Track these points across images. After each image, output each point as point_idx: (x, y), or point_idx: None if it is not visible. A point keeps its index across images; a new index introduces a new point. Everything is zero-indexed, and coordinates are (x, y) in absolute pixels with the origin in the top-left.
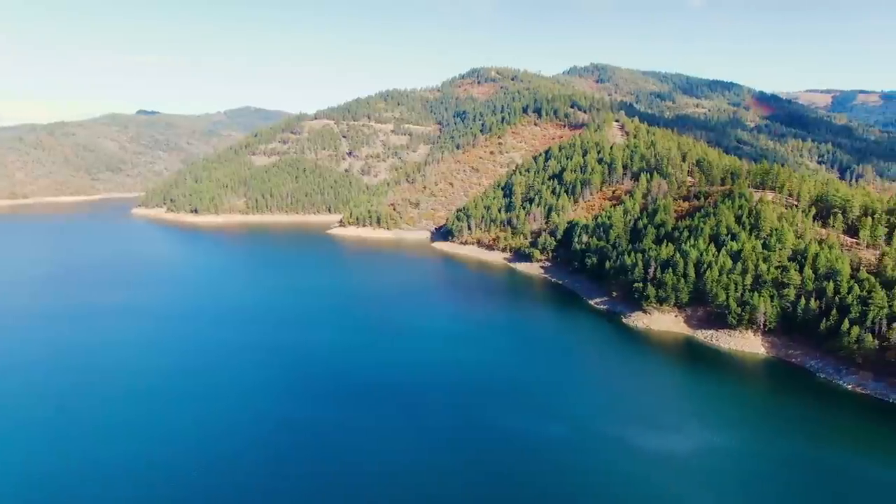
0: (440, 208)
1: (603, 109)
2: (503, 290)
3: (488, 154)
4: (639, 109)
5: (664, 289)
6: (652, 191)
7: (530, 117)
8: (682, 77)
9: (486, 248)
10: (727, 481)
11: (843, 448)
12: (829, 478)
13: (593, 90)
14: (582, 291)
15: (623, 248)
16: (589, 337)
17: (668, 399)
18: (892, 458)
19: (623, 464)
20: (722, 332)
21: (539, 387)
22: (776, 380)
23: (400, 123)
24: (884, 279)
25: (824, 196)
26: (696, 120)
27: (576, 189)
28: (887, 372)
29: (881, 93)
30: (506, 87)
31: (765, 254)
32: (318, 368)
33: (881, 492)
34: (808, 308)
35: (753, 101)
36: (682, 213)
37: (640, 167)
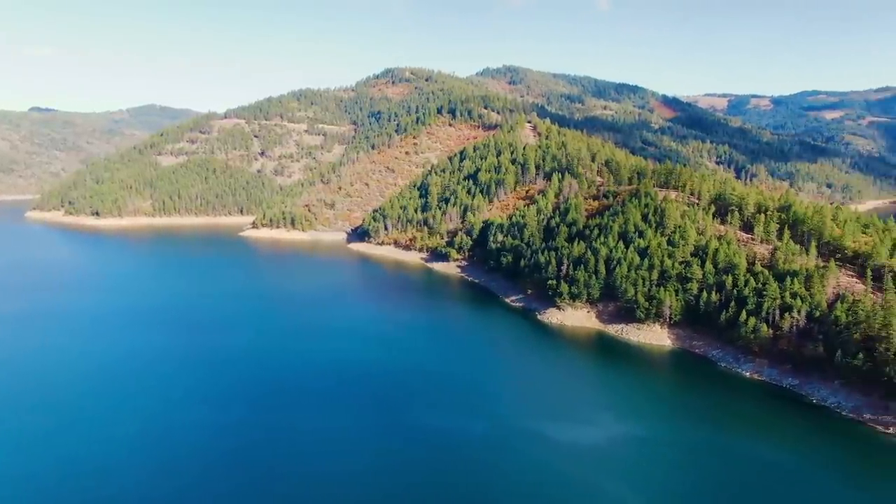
0: (356, 209)
1: (516, 111)
2: (421, 290)
3: (404, 154)
4: (550, 111)
5: (576, 285)
6: (564, 190)
7: (445, 118)
8: (590, 80)
9: (403, 249)
10: (640, 470)
11: (743, 433)
12: (731, 462)
13: (506, 91)
14: (498, 290)
15: (537, 247)
16: (506, 334)
17: (583, 392)
18: (784, 440)
19: (541, 458)
20: (631, 325)
21: (459, 385)
22: (682, 370)
23: (314, 123)
24: (776, 272)
25: (722, 195)
26: (605, 121)
27: (490, 189)
28: (780, 359)
29: (771, 97)
30: (420, 88)
31: (669, 250)
32: (237, 374)
33: (775, 472)
34: (709, 301)
35: (658, 104)
36: (592, 211)
37: (551, 167)
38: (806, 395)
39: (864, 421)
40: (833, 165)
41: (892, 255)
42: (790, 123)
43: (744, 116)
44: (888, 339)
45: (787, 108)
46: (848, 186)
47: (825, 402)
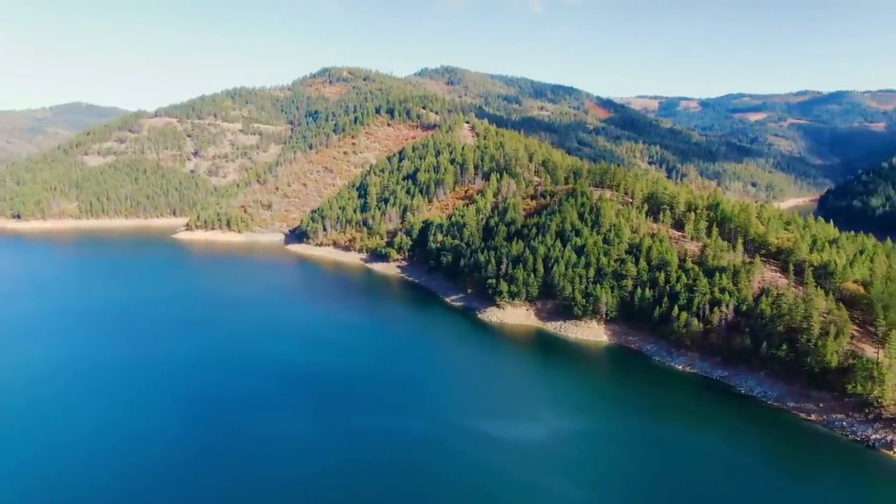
0: (294, 210)
1: (454, 111)
2: (361, 290)
3: (342, 154)
4: (488, 111)
5: (516, 284)
6: (502, 190)
7: (383, 118)
8: (527, 81)
9: (343, 250)
10: (580, 465)
11: (677, 424)
12: (666, 452)
13: (444, 92)
14: (438, 289)
15: (476, 246)
16: (446, 333)
17: (523, 389)
18: (715, 430)
19: (482, 456)
20: (569, 322)
21: (400, 385)
22: (618, 365)
23: (249, 122)
24: (706, 268)
25: (655, 194)
26: (542, 122)
27: (430, 189)
28: (710, 352)
29: (699, 100)
30: (358, 88)
31: (605, 248)
32: (176, 381)
33: (707, 461)
34: (643, 297)
35: (593, 105)
36: (530, 211)
37: (490, 167)
38: (734, 385)
39: (788, 409)
40: (757, 165)
41: (811, 251)
42: (717, 125)
43: (674, 118)
44: (809, 331)
45: (714, 110)
46: (771, 185)
47: (752, 392)
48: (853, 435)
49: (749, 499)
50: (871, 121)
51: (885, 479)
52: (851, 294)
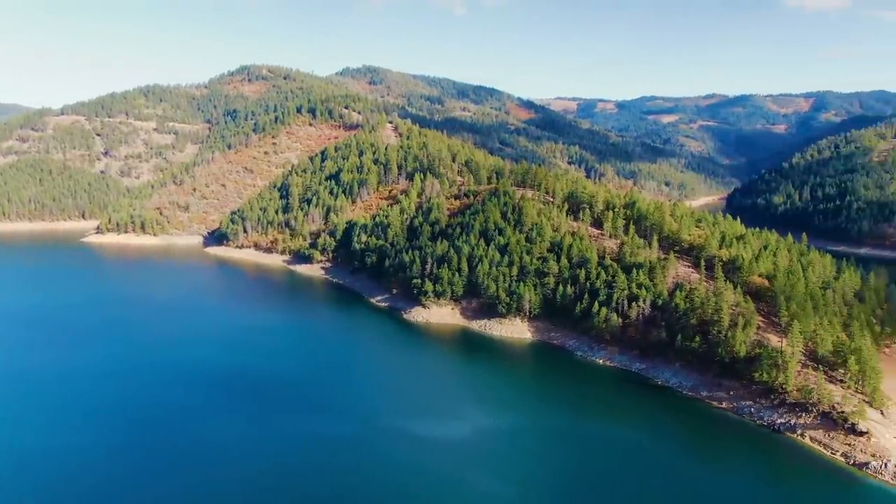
0: (213, 211)
1: (377, 111)
2: (284, 293)
3: (262, 154)
4: (411, 112)
5: (441, 283)
6: (426, 190)
7: (305, 117)
8: (450, 81)
9: (265, 252)
10: (506, 460)
11: (599, 417)
12: (589, 445)
13: (366, 92)
14: (363, 290)
15: (401, 247)
16: (372, 334)
17: (449, 388)
18: (635, 421)
19: (410, 456)
20: (494, 320)
21: (327, 387)
22: (542, 361)
23: (164, 121)
24: (624, 264)
25: (575, 193)
26: (464, 122)
27: (353, 189)
28: (629, 346)
29: (616, 102)
30: (278, 87)
31: (528, 246)
32: (98, 393)
33: (628, 452)
34: (565, 294)
35: (514, 106)
36: (454, 210)
37: (413, 167)
38: (652, 377)
39: (702, 398)
40: (670, 165)
41: (721, 247)
42: (632, 126)
43: (592, 119)
44: (719, 323)
45: (629, 112)
46: (683, 184)
47: (668, 383)
48: (760, 420)
49: (666, 486)
50: (773, 123)
51: (789, 461)
52: (757, 287)
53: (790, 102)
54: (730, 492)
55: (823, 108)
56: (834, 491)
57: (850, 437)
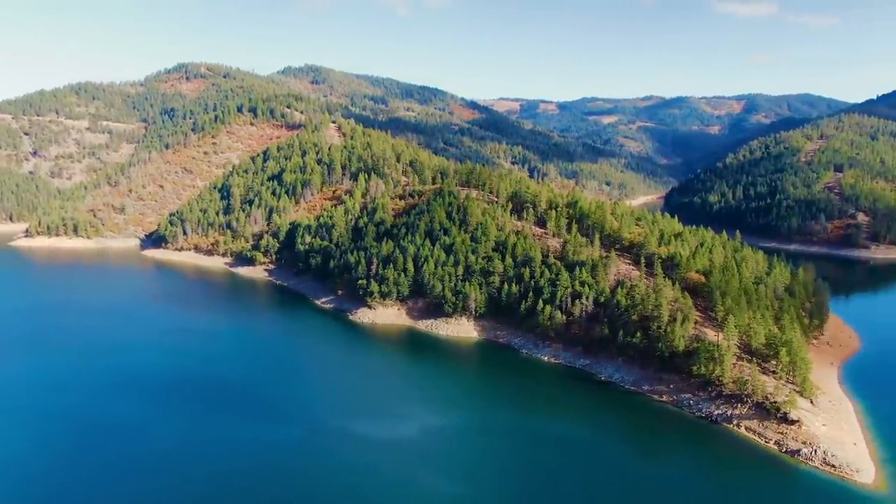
0: (150, 213)
1: (320, 111)
2: (227, 296)
3: (202, 154)
4: (354, 111)
5: (386, 284)
6: (370, 190)
7: (246, 116)
8: (394, 82)
9: (205, 254)
10: (453, 459)
11: (545, 413)
12: (536, 441)
13: (309, 91)
14: (308, 292)
15: (346, 247)
16: (317, 336)
17: (397, 388)
18: (580, 417)
19: (358, 458)
20: (440, 320)
21: (272, 391)
22: (488, 359)
23: (97, 120)
24: (567, 263)
25: (518, 192)
26: (409, 123)
27: (296, 190)
28: (573, 342)
29: (557, 103)
30: (218, 85)
31: (473, 246)
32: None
33: (573, 447)
34: (510, 292)
35: (458, 106)
36: (399, 211)
37: (358, 167)
38: (595, 373)
39: (643, 392)
40: (611, 165)
41: (660, 244)
42: (574, 127)
43: (534, 120)
44: (659, 319)
45: (570, 113)
46: (623, 184)
47: (611, 378)
48: (699, 412)
49: (609, 480)
50: (708, 124)
51: (726, 451)
52: (694, 283)
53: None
54: (670, 483)
55: (754, 111)
56: (768, 478)
57: (782, 425)
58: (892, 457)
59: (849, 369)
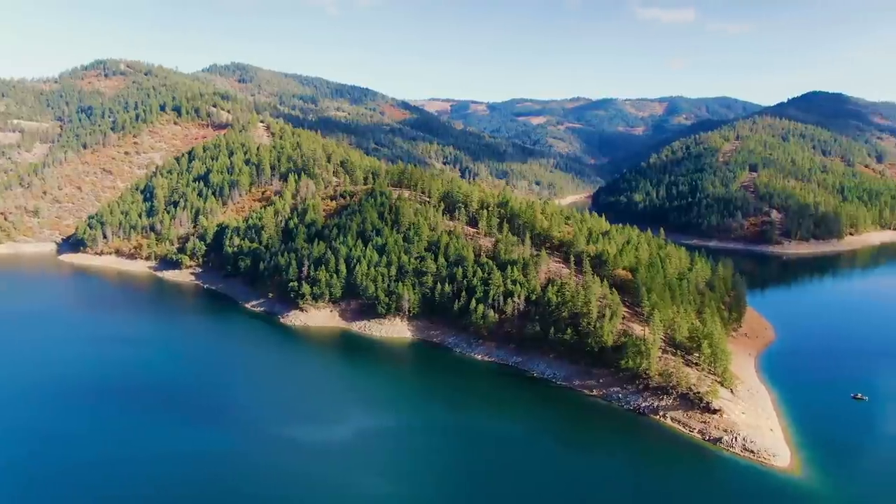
0: (67, 216)
1: (247, 110)
2: (152, 301)
3: (123, 154)
4: (283, 111)
5: (318, 286)
6: (301, 191)
7: (169, 115)
8: (324, 81)
9: (128, 258)
10: (391, 460)
11: (479, 411)
12: (471, 439)
13: (236, 90)
14: (237, 295)
15: (276, 249)
16: (248, 341)
17: (331, 392)
18: (513, 413)
19: (292, 464)
20: (374, 321)
21: (201, 399)
22: (423, 359)
23: (6, 118)
24: (499, 262)
25: (450, 193)
26: (339, 123)
27: (224, 191)
28: (506, 340)
29: (488, 104)
30: (139, 83)
31: (406, 246)
32: None
33: (508, 443)
34: (443, 292)
35: (389, 107)
36: (330, 212)
37: (287, 168)
38: (528, 370)
39: (574, 387)
40: (540, 165)
41: (588, 243)
42: (504, 127)
43: (465, 120)
44: (588, 315)
45: (500, 114)
46: (553, 184)
47: (544, 375)
48: (627, 404)
49: (543, 475)
50: (632, 126)
51: (653, 441)
52: (622, 279)
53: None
54: (601, 475)
55: (676, 112)
56: (692, 466)
57: (705, 415)
58: (805, 441)
59: (765, 359)
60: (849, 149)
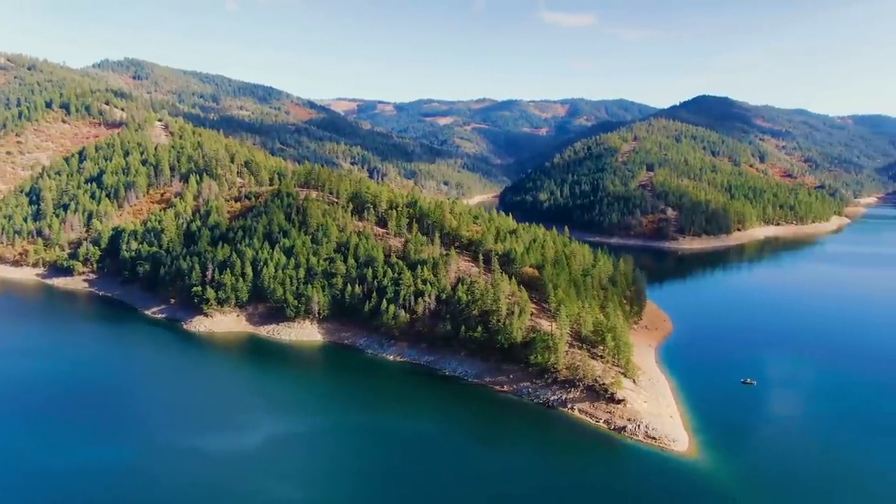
0: None
1: (143, 108)
2: (42, 311)
3: (5, 154)
4: (183, 109)
5: (224, 290)
6: (203, 193)
7: (57, 113)
8: (225, 79)
9: (12, 265)
10: (303, 465)
11: (393, 411)
12: (385, 440)
13: (130, 87)
14: (137, 302)
15: (178, 253)
16: (149, 349)
17: (239, 398)
18: (427, 412)
19: (198, 474)
20: (283, 325)
21: (99, 411)
22: (334, 361)
23: None
24: (409, 262)
25: (359, 193)
26: (243, 122)
27: (119, 193)
28: (418, 340)
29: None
30: (21, 78)
31: (314, 248)
32: None
33: (423, 442)
34: (353, 293)
35: (294, 106)
36: (235, 213)
37: (188, 168)
38: (440, 369)
39: (486, 383)
40: (448, 165)
41: (496, 241)
42: (411, 128)
43: (372, 120)
44: (498, 312)
45: (408, 114)
46: (461, 184)
47: (455, 373)
48: (537, 399)
49: (457, 472)
50: (537, 127)
51: (562, 433)
52: (529, 277)
53: (550, 108)
54: (512, 469)
55: (577, 114)
56: (599, 454)
57: (610, 405)
58: (701, 426)
59: (664, 350)
60: (735, 149)
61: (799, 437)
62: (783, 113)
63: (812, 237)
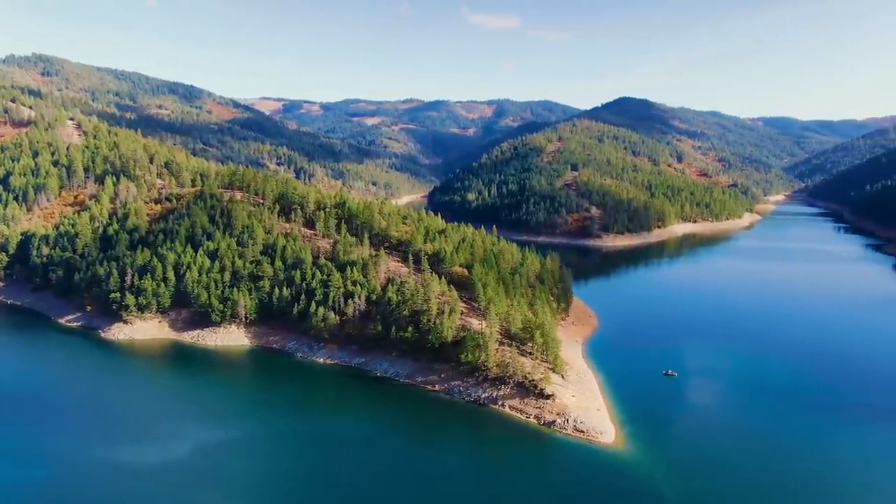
0: None
1: (54, 106)
2: None
3: None
4: (97, 108)
5: (144, 296)
6: (120, 194)
7: None
8: (143, 77)
9: None
10: (234, 473)
11: (325, 414)
12: (318, 443)
13: (38, 84)
14: (49, 310)
15: (94, 258)
16: (63, 359)
17: (163, 407)
18: (359, 414)
19: (121, 489)
20: (208, 330)
21: (8, 428)
22: (262, 367)
23: None
24: (338, 263)
25: (285, 194)
26: (162, 122)
27: (28, 195)
28: (348, 342)
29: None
30: None
31: (240, 250)
32: None
33: (356, 444)
34: (281, 296)
35: (216, 105)
36: (155, 216)
37: (104, 170)
38: (371, 370)
39: (417, 383)
40: (376, 165)
41: (426, 241)
42: (338, 128)
43: (297, 120)
44: (428, 312)
45: (334, 114)
46: (389, 184)
47: (387, 374)
48: (468, 397)
49: (391, 472)
50: (464, 127)
51: (493, 430)
52: (458, 276)
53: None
54: (445, 466)
55: (504, 114)
56: (530, 449)
57: (539, 400)
58: (626, 418)
59: (590, 345)
60: (654, 150)
61: (718, 423)
62: (698, 115)
63: (727, 233)
